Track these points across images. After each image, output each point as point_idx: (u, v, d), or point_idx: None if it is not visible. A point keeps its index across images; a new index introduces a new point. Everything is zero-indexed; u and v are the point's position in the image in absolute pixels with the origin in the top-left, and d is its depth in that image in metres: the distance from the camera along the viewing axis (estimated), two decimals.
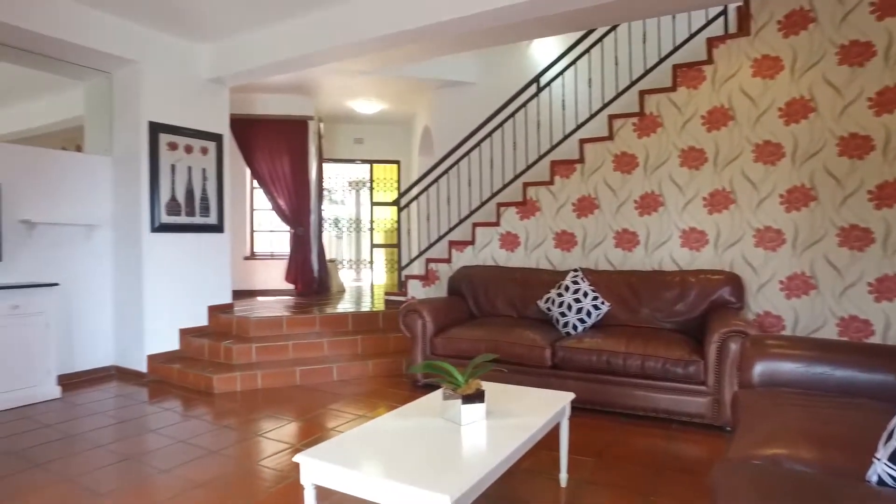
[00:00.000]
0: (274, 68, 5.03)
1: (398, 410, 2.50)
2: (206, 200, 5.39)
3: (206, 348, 5.01)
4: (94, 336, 5.00)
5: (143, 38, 4.85)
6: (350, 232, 10.09)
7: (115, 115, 5.15)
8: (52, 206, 4.71)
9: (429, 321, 4.40)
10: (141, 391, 4.57)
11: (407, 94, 7.20)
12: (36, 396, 4.22)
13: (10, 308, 4.12)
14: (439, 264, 5.59)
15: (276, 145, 7.21)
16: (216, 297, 5.52)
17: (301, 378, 4.68)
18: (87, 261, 4.96)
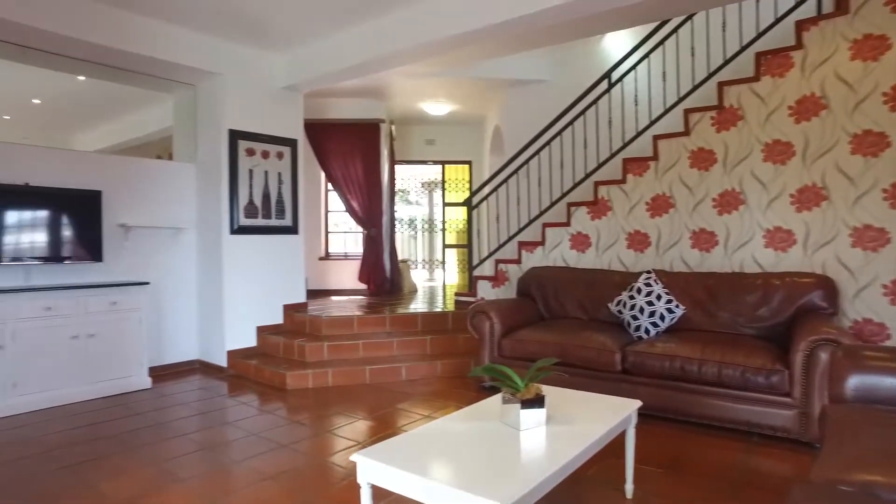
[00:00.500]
0: (345, 73, 5.15)
1: (457, 413, 2.49)
2: (281, 203, 5.61)
3: (280, 346, 5.20)
4: (180, 331, 5.32)
5: (224, 52, 5.10)
6: (424, 232, 10.21)
7: (199, 125, 5.45)
8: (144, 211, 5.06)
9: (496, 322, 4.36)
10: (221, 385, 4.81)
11: (477, 95, 7.18)
12: (130, 386, 4.54)
13: (110, 304, 4.46)
14: (509, 265, 5.53)
15: (349, 148, 7.39)
16: (291, 297, 5.72)
17: (370, 377, 4.76)
18: (174, 261, 5.28)
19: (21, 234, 4.29)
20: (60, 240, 4.48)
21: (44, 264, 4.41)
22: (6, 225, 4.22)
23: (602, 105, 5.20)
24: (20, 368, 4.01)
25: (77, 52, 4.51)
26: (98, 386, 4.36)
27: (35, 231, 4.37)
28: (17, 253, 4.25)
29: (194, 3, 4.33)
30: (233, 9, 4.44)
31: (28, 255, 4.30)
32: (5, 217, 4.22)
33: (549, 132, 5.40)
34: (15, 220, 4.27)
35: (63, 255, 4.48)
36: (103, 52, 4.51)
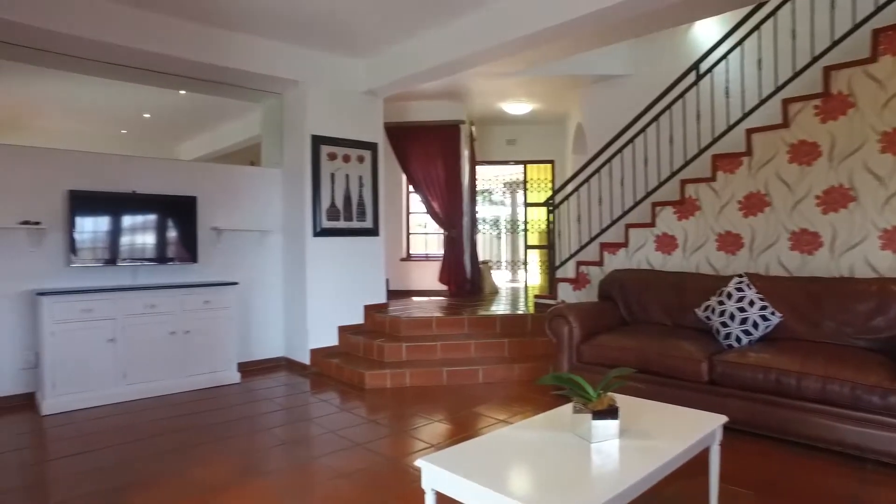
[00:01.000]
0: (423, 76, 5.19)
1: (528, 421, 2.41)
2: (362, 206, 5.74)
3: (361, 345, 5.32)
4: (267, 330, 5.57)
5: (306, 60, 5.29)
6: (507, 233, 10.14)
7: (284, 131, 5.69)
8: (234, 215, 5.34)
9: (575, 327, 4.22)
10: (304, 382, 4.99)
11: (558, 93, 7.01)
12: (221, 380, 4.81)
13: (203, 303, 4.74)
14: (590, 267, 5.35)
15: (430, 150, 7.45)
16: (371, 297, 5.84)
17: (447, 378, 4.76)
18: (261, 262, 5.54)
19: (129, 237, 4.65)
20: (162, 242, 4.82)
21: (149, 265, 4.76)
22: (117, 229, 4.59)
23: (690, 99, 4.90)
24: (128, 360, 4.35)
25: (178, 69, 4.85)
26: (192, 379, 4.65)
27: (141, 235, 4.72)
28: (127, 254, 4.62)
29: (278, 15, 4.51)
30: (315, 19, 4.59)
31: (136, 257, 4.66)
32: (116, 222, 4.60)
33: (632, 129, 5.17)
34: (124, 224, 4.64)
35: (165, 256, 4.82)
36: (200, 68, 4.82)
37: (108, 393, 4.25)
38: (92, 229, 4.49)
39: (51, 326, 4.04)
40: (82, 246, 4.42)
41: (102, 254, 4.51)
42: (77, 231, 4.39)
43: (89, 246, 4.46)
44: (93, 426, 3.79)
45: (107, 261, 4.53)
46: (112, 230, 4.58)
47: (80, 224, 4.41)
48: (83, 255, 4.42)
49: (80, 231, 4.41)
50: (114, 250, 4.56)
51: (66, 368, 4.09)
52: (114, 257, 4.56)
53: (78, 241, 4.39)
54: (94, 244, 4.49)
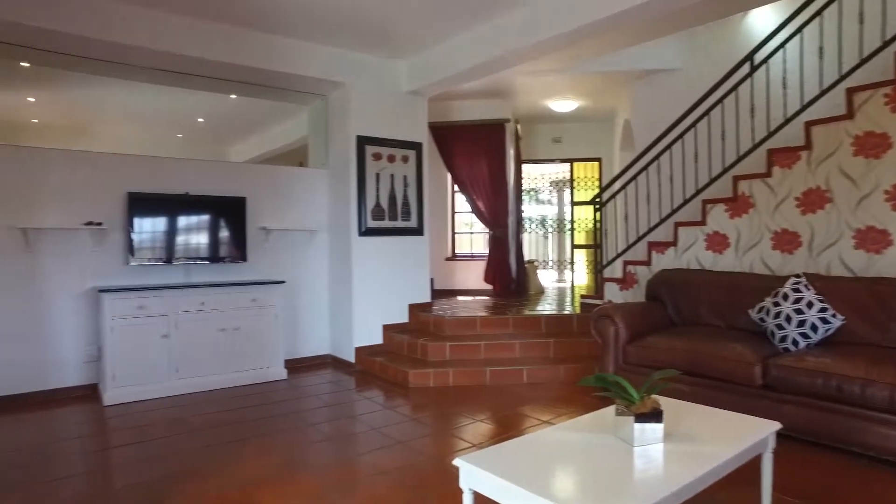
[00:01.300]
0: (466, 75, 5.18)
1: (569, 422, 2.37)
2: (406, 205, 5.77)
3: (405, 344, 5.35)
4: (313, 328, 5.67)
5: (351, 62, 5.36)
6: (553, 232, 10.00)
7: (329, 132, 5.78)
8: (282, 215, 5.46)
9: (621, 327, 4.12)
10: (349, 379, 5.05)
11: (604, 89, 6.88)
12: (268, 376, 4.92)
13: (251, 301, 4.87)
14: (638, 267, 5.22)
15: (475, 149, 7.43)
16: (416, 296, 5.86)
17: (491, 378, 4.73)
18: (308, 262, 5.64)
19: (182, 237, 4.83)
20: (213, 242, 4.98)
21: (201, 264, 4.92)
22: (171, 229, 4.77)
23: (743, 91, 4.71)
24: (180, 355, 4.51)
25: (230, 74, 5.00)
26: (241, 374, 4.78)
27: (193, 234, 4.89)
28: (180, 254, 4.79)
29: (323, 19, 4.59)
30: (358, 20, 4.65)
31: (189, 256, 4.83)
32: (171, 222, 4.78)
33: (681, 124, 5.01)
34: (177, 225, 4.82)
35: (216, 255, 4.98)
36: (250, 73, 4.97)
37: (162, 386, 4.41)
38: (147, 229, 4.68)
39: (111, 322, 4.23)
40: (139, 245, 4.61)
41: (158, 253, 4.70)
42: (135, 231, 4.58)
43: (145, 245, 4.65)
44: (148, 417, 3.94)
45: (162, 260, 4.71)
46: (166, 230, 4.76)
47: (138, 224, 4.61)
48: (140, 254, 4.61)
49: (138, 231, 4.60)
50: (168, 250, 4.74)
51: (125, 362, 4.28)
52: (168, 256, 4.74)
53: (135, 241, 4.59)
54: (150, 244, 4.67)
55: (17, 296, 4.28)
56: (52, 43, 4.23)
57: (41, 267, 4.36)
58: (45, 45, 4.29)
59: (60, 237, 4.42)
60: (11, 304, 4.25)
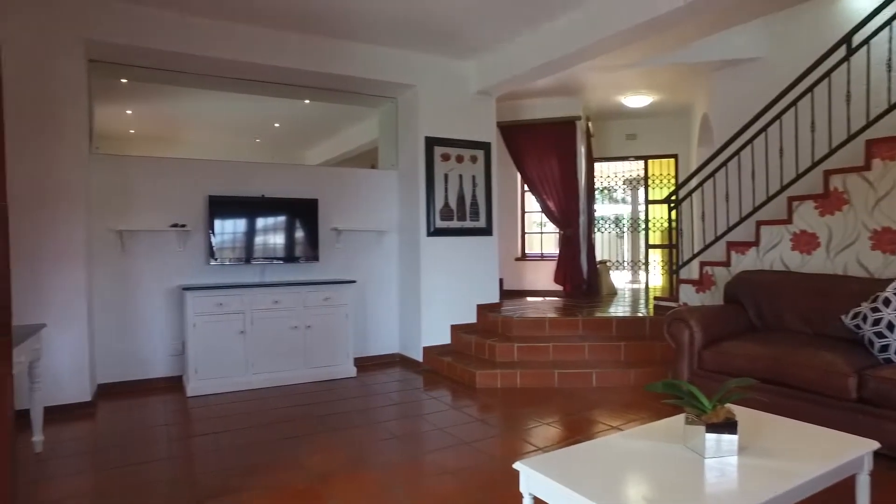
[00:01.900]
0: (535, 73, 5.10)
1: (637, 429, 2.28)
2: (475, 205, 5.76)
3: (472, 344, 5.34)
4: (382, 327, 5.76)
5: (420, 64, 5.41)
6: (627, 232, 9.69)
7: (399, 134, 5.86)
8: (352, 216, 5.59)
9: (696, 331, 3.93)
10: (416, 378, 5.10)
11: (680, 82, 6.58)
12: (337, 373, 5.05)
13: (323, 300, 5.01)
14: (715, 268, 4.96)
15: (544, 148, 7.31)
16: (484, 297, 5.84)
17: (559, 381, 4.64)
18: (377, 262, 5.74)
19: (259, 237, 5.04)
20: (287, 242, 5.17)
21: (276, 264, 5.12)
22: (248, 230, 5.00)
23: (837, 77, 4.36)
24: (255, 351, 4.71)
25: (303, 80, 5.20)
26: (312, 371, 4.93)
27: (269, 235, 5.09)
28: (257, 254, 5.01)
29: (393, 22, 4.65)
30: (427, 23, 4.68)
31: (265, 256, 5.04)
32: (248, 224, 5.00)
33: (765, 116, 4.71)
34: (254, 226, 5.03)
35: (290, 255, 5.16)
36: (323, 78, 5.13)
37: (238, 380, 4.62)
38: (226, 231, 4.91)
39: (193, 318, 4.48)
40: (219, 246, 4.85)
41: (236, 253, 4.93)
42: (215, 233, 4.82)
43: (224, 246, 4.88)
44: (226, 409, 4.14)
45: (240, 260, 4.94)
46: (244, 231, 4.99)
47: (217, 226, 4.85)
48: (219, 254, 4.85)
49: (218, 232, 4.84)
50: (246, 250, 4.97)
51: (205, 356, 4.51)
52: (246, 256, 4.96)
53: (215, 242, 4.83)
54: (229, 244, 4.91)
55: (116, 292, 4.61)
56: (148, 60, 4.55)
57: (133, 266, 4.68)
58: (142, 62, 4.63)
59: (149, 238, 4.72)
60: (111, 300, 4.59)
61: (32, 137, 3.92)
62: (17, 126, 3.78)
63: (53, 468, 3.14)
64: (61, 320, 3.99)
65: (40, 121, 3.95)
